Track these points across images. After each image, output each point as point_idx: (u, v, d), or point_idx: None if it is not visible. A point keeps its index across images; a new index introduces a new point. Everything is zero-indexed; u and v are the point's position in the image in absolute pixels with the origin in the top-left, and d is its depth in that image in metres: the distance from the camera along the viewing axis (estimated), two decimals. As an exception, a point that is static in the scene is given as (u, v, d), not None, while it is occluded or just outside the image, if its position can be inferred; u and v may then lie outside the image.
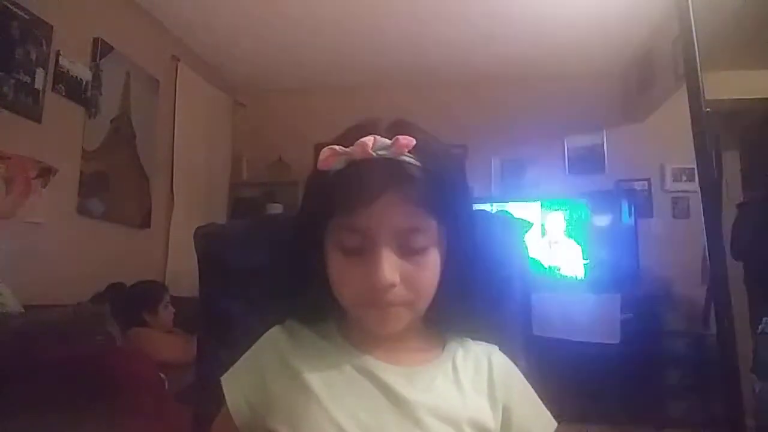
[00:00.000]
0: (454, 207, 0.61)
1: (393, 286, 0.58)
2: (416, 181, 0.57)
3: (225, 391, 0.64)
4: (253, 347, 0.67)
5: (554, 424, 0.65)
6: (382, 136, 0.58)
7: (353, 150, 0.57)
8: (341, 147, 0.58)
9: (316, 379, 0.60)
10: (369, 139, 0.57)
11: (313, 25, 3.52)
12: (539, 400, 0.66)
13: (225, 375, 0.66)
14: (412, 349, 0.64)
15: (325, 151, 0.59)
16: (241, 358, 0.67)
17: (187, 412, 0.91)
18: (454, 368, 0.64)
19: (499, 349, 0.69)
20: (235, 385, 0.64)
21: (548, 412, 0.66)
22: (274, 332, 0.68)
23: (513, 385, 0.65)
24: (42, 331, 1.94)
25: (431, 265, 0.60)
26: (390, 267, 0.57)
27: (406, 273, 0.59)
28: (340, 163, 0.58)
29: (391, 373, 0.61)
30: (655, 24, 3.36)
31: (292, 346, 0.65)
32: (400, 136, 0.57)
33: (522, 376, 0.67)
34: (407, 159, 0.57)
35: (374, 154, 0.57)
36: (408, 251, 0.59)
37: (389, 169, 0.57)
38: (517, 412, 0.63)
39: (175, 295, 2.71)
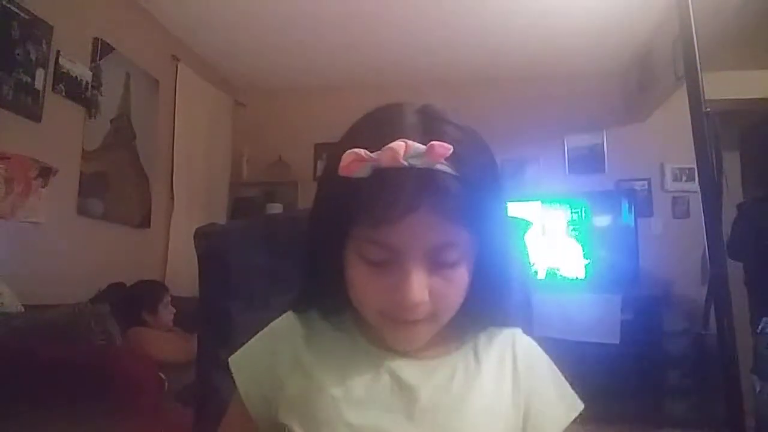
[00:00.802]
0: (489, 216, 0.55)
1: (421, 304, 0.54)
2: (451, 194, 0.51)
3: (235, 374, 0.62)
4: (265, 332, 0.64)
5: (580, 405, 0.63)
6: (412, 131, 0.53)
7: (382, 157, 0.50)
8: (366, 152, 0.51)
9: (331, 376, 0.58)
10: (400, 146, 0.50)
11: (314, 25, 3.52)
12: (564, 382, 0.64)
13: (234, 357, 0.64)
14: (430, 342, 0.61)
15: (348, 155, 0.51)
16: (252, 341, 0.64)
17: (187, 412, 0.91)
18: (476, 358, 0.62)
19: None
20: (246, 369, 0.62)
21: (573, 394, 0.64)
22: (289, 320, 0.65)
23: (535, 371, 0.63)
24: (42, 331, 1.94)
25: (460, 278, 0.56)
26: (419, 285, 0.53)
27: (435, 288, 0.55)
28: (366, 170, 0.51)
29: (408, 367, 0.59)
30: (655, 24, 3.36)
31: (307, 338, 0.62)
32: (436, 143, 0.49)
33: (546, 358, 0.65)
34: (442, 168, 0.51)
35: (405, 162, 0.50)
36: (437, 266, 0.54)
37: (422, 181, 0.50)
38: (538, 398, 0.62)
39: (175, 295, 2.71)
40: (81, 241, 2.80)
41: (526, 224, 0.88)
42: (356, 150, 0.51)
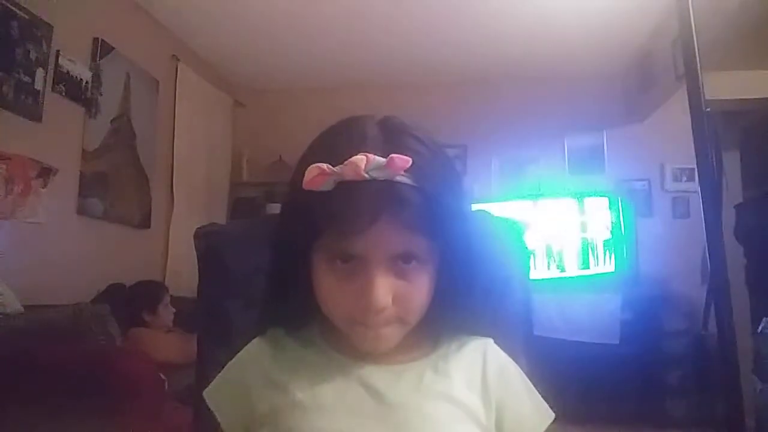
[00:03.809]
0: (450, 223, 0.57)
1: (386, 308, 0.56)
2: (411, 204, 0.54)
3: (212, 407, 0.65)
4: (234, 361, 0.66)
5: (551, 415, 0.64)
6: (374, 144, 0.55)
7: (343, 171, 0.53)
8: (329, 166, 0.53)
9: (301, 390, 0.59)
10: (361, 160, 0.52)
11: (313, 25, 3.52)
12: (535, 392, 0.65)
13: (208, 390, 0.66)
14: (401, 348, 0.62)
15: (312, 170, 0.54)
16: (223, 372, 0.66)
17: (187, 412, 0.91)
18: (446, 363, 0.63)
19: (499, 349, 0.68)
20: (222, 401, 0.65)
21: (545, 404, 0.65)
22: (256, 345, 0.66)
23: (507, 381, 0.64)
24: (42, 331, 1.94)
25: (423, 282, 0.59)
26: (383, 290, 0.56)
27: (398, 292, 0.57)
28: (329, 183, 0.54)
29: (377, 373, 0.60)
30: (655, 24, 3.36)
31: (275, 358, 0.64)
32: (395, 156, 0.52)
33: (517, 369, 0.66)
34: (402, 180, 0.53)
35: (367, 175, 0.52)
36: (400, 270, 0.57)
37: (383, 192, 0.53)
38: (510, 407, 0.62)
39: (175, 295, 2.71)
40: (81, 241, 2.80)
41: (522, 226, 0.88)
42: (319, 164, 0.54)
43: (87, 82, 2.82)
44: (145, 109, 3.35)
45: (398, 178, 0.53)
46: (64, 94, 2.66)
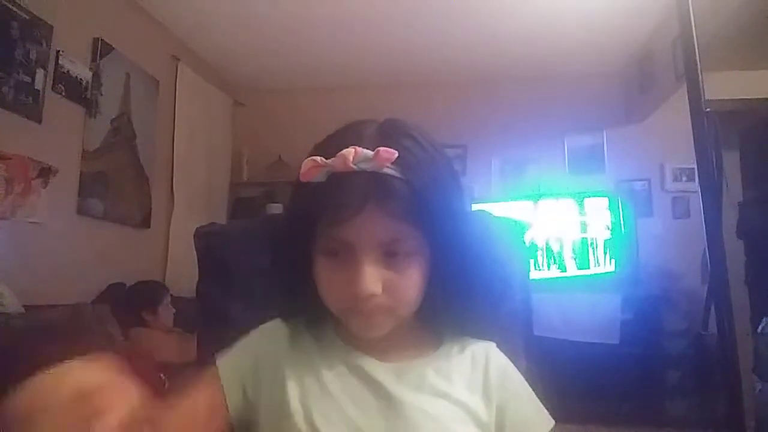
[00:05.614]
0: (438, 216, 0.59)
1: (374, 295, 0.58)
2: (397, 195, 0.56)
3: (219, 363, 0.66)
4: (253, 334, 0.68)
5: (551, 422, 0.65)
6: (369, 142, 0.58)
7: (334, 163, 0.57)
8: (322, 159, 0.57)
9: (309, 380, 0.61)
10: (350, 152, 0.56)
11: (314, 25, 3.52)
12: (536, 398, 0.66)
13: (221, 359, 0.66)
14: (405, 346, 0.65)
15: (306, 163, 0.58)
16: (240, 343, 0.68)
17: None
18: (448, 363, 0.65)
19: (500, 349, 0.69)
20: (231, 365, 0.65)
21: (545, 411, 0.66)
22: (276, 325, 0.69)
23: (509, 385, 0.65)
24: (42, 331, 1.94)
25: (414, 272, 0.60)
26: (372, 277, 0.58)
27: (389, 281, 0.59)
28: (322, 175, 0.58)
29: (381, 369, 0.62)
30: (655, 24, 3.36)
31: (289, 344, 0.66)
32: (382, 149, 0.56)
33: (519, 374, 0.67)
34: (389, 172, 0.56)
35: (355, 167, 0.56)
36: (390, 259, 0.59)
37: (370, 183, 0.56)
38: (511, 412, 0.63)
39: (175, 295, 2.71)
40: (81, 241, 2.80)
41: (523, 226, 0.88)
42: (313, 157, 0.58)
43: (87, 82, 2.82)
44: (145, 109, 3.35)
45: (385, 170, 0.56)
46: (64, 94, 2.66)
